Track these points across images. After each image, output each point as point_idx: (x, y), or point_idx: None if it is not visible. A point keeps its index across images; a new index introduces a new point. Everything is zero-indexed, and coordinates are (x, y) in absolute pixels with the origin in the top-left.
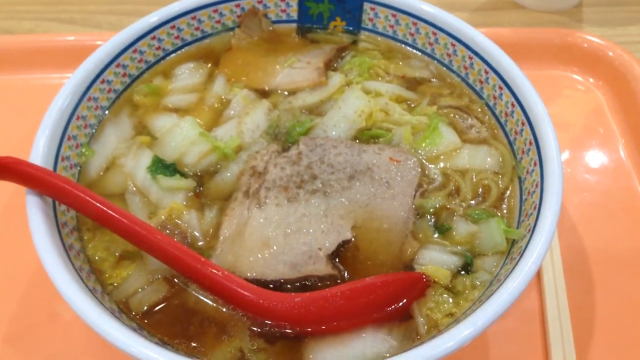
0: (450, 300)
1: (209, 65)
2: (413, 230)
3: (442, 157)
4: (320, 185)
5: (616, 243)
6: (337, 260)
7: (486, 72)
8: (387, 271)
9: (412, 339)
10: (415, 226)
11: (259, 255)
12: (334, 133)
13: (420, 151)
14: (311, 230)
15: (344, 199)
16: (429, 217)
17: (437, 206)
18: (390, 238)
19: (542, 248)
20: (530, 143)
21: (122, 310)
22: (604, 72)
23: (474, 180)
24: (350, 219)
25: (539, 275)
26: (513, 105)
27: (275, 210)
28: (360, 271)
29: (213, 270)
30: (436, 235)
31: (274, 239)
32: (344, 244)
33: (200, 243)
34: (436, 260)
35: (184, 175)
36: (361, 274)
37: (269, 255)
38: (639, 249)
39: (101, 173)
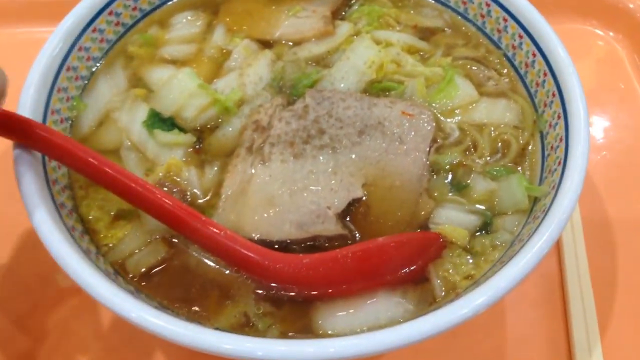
0: (470, 261)
1: (208, 14)
2: (428, 188)
3: (458, 110)
4: (328, 141)
5: (637, 203)
6: (347, 219)
7: (505, 20)
8: (401, 231)
9: (429, 302)
10: (430, 184)
11: (264, 215)
12: (342, 85)
13: (434, 104)
14: (319, 188)
15: (353, 155)
16: (444, 174)
17: (454, 162)
18: (404, 196)
19: (568, 205)
20: (554, 95)
21: (119, 272)
22: (624, 25)
23: (492, 135)
24: (361, 176)
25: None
26: (534, 54)
27: (280, 167)
28: (372, 231)
29: (214, 230)
30: (453, 193)
31: (279, 197)
32: (355, 202)
33: (200, 201)
34: (453, 219)
35: (182, 129)
36: (373, 235)
37: (275, 214)
38: None
39: (94, 128)
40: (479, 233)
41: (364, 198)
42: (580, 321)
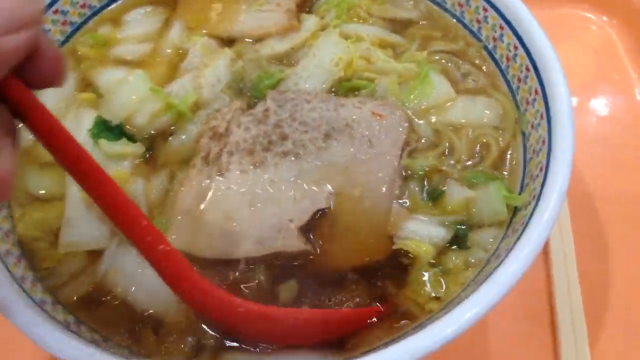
0: (442, 281)
1: (165, 9)
2: (400, 195)
3: (433, 110)
4: (291, 147)
5: (634, 205)
6: (311, 233)
7: (484, 10)
8: (370, 244)
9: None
10: (402, 191)
11: (221, 231)
12: (307, 85)
13: (408, 104)
14: (281, 200)
15: (318, 162)
16: (417, 180)
17: (428, 168)
18: (373, 205)
19: (549, 218)
20: (536, 92)
21: (57, 300)
22: (619, 9)
23: (470, 136)
24: (327, 185)
25: (545, 242)
26: (516, 47)
27: (239, 178)
28: (338, 245)
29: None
30: (426, 202)
31: (238, 211)
32: (320, 213)
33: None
34: (421, 232)
35: (132, 138)
36: (340, 248)
37: (232, 230)
38: None
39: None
40: (453, 247)
41: (330, 208)
42: (569, 335)
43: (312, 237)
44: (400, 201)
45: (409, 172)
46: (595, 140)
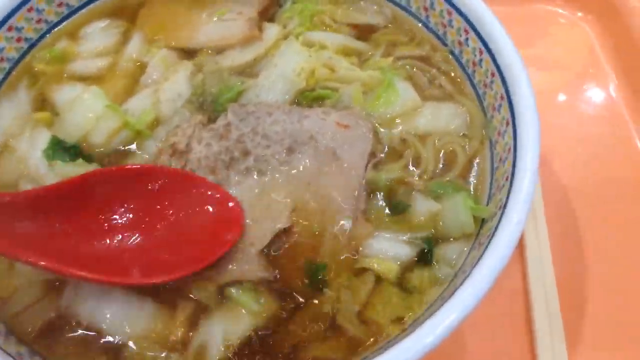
0: (406, 301)
1: (124, 21)
2: (365, 209)
3: (399, 119)
4: (253, 163)
5: (610, 205)
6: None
7: (449, 13)
8: (332, 263)
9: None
10: (367, 205)
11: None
12: (269, 97)
13: (373, 113)
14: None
15: (281, 178)
16: (382, 193)
17: (392, 180)
18: (338, 221)
19: (514, 230)
20: (502, 97)
21: (11, 330)
22: (593, 4)
23: (437, 145)
24: (290, 202)
25: (521, 247)
26: (481, 52)
27: None
28: (299, 265)
29: None
30: (391, 216)
31: None
32: (283, 233)
33: None
34: (385, 250)
35: (88, 158)
36: (300, 268)
37: None
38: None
39: None
40: (417, 264)
41: (292, 226)
42: (546, 340)
43: (270, 259)
44: (365, 216)
45: (373, 185)
46: (573, 139)
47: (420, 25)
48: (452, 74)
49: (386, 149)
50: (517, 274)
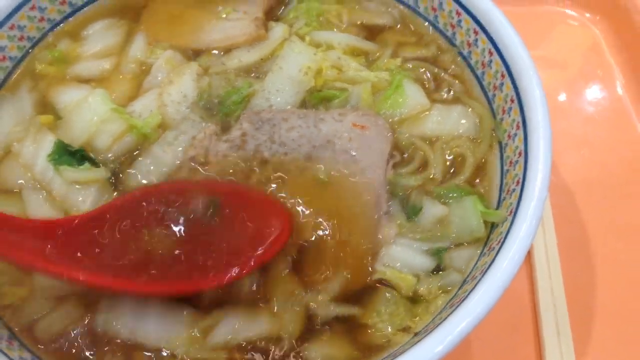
0: (413, 309)
1: (128, 21)
2: (387, 212)
3: (407, 121)
4: (272, 172)
5: (620, 207)
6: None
7: (458, 14)
8: (360, 267)
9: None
10: (388, 208)
11: None
12: (279, 100)
13: (381, 115)
14: None
15: (301, 186)
16: (398, 197)
17: (407, 183)
18: (362, 224)
19: (526, 236)
20: (512, 100)
21: (16, 336)
22: (601, 5)
23: (446, 148)
24: (311, 211)
25: (528, 252)
26: (491, 53)
27: None
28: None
29: None
30: (407, 220)
31: None
32: (307, 240)
33: None
34: (403, 260)
35: (94, 162)
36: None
37: None
38: None
39: None
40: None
41: (315, 236)
42: (554, 349)
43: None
44: (389, 219)
45: (393, 187)
46: (581, 141)
47: (428, 25)
48: (461, 76)
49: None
50: (524, 278)
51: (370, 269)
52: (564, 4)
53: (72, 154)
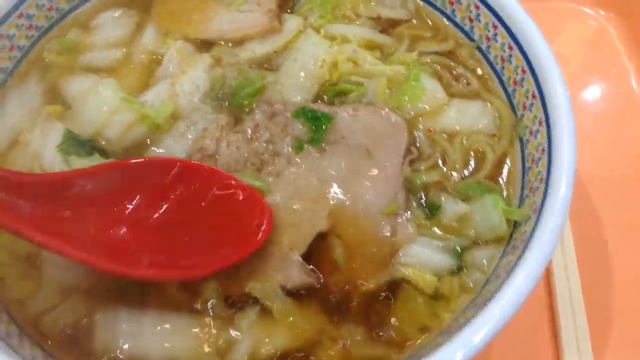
0: (434, 308)
1: (138, 11)
2: (406, 210)
3: (424, 116)
4: (285, 165)
5: (635, 206)
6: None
7: (476, 7)
8: (376, 267)
9: None
10: (406, 205)
11: None
12: (293, 92)
13: (398, 109)
14: (278, 226)
15: (315, 179)
16: (418, 194)
17: (425, 179)
18: (378, 223)
19: (552, 235)
20: (534, 96)
21: (26, 333)
22: (615, 2)
23: (464, 144)
24: (326, 204)
25: None
26: (511, 47)
27: None
28: (343, 271)
29: None
30: (427, 218)
31: None
32: (321, 236)
33: None
34: (423, 259)
35: (104, 153)
36: (344, 274)
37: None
38: None
39: (2, 153)
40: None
41: (330, 230)
42: (573, 354)
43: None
44: (404, 217)
45: (410, 185)
46: (595, 140)
47: (445, 19)
48: (479, 71)
49: (415, 147)
50: (540, 280)
51: (389, 268)
52: (578, 1)
53: (81, 144)
